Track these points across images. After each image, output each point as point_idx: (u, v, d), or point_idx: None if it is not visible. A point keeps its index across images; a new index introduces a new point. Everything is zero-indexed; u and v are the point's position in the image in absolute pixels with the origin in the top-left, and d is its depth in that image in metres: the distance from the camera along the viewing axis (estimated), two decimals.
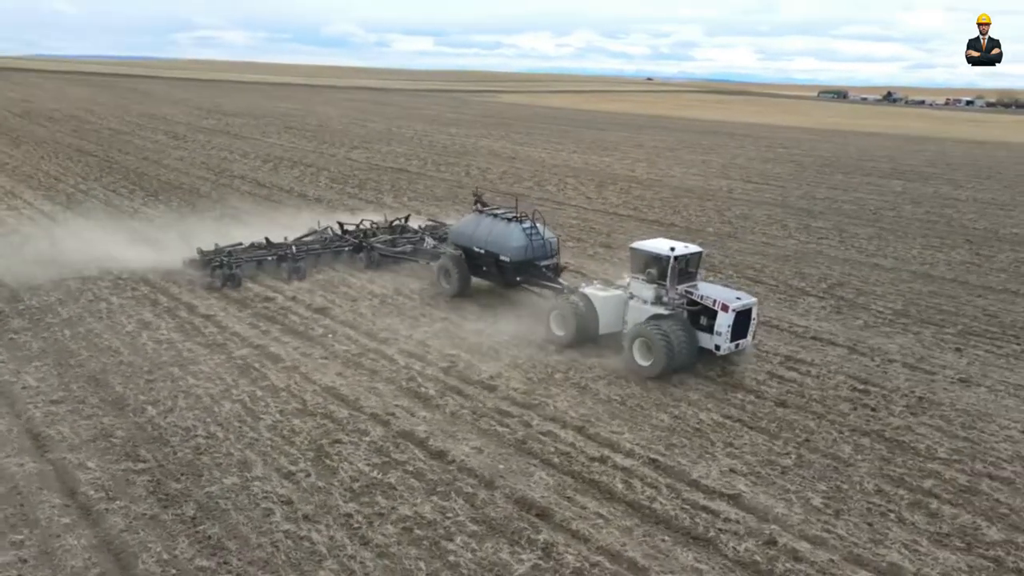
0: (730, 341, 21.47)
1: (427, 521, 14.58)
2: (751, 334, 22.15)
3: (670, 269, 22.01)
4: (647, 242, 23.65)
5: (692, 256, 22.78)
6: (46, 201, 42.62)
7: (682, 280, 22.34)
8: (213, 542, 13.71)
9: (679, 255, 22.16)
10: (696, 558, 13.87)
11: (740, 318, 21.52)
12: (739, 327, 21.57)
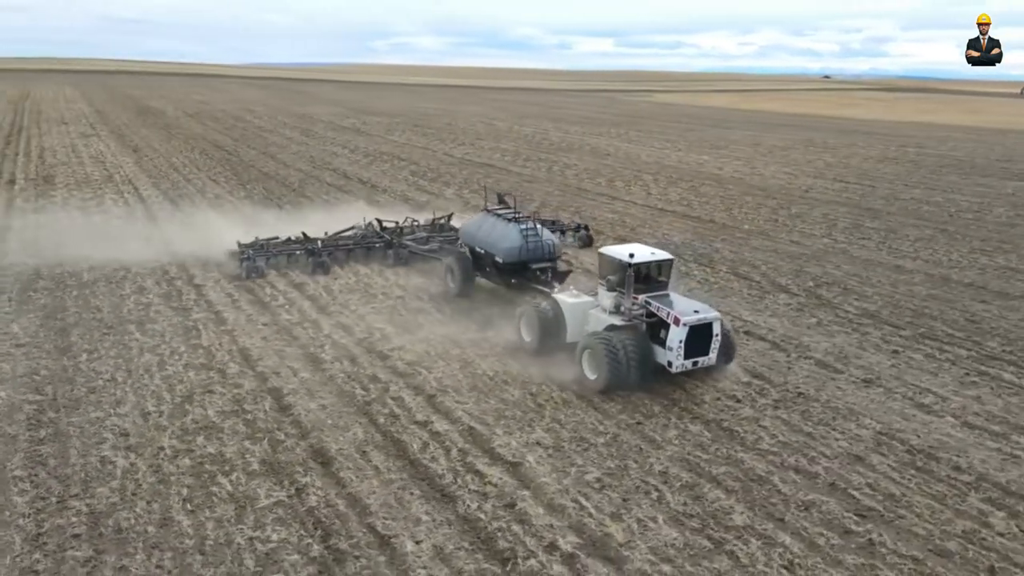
0: (685, 358, 19.62)
1: (223, 459, 16.46)
2: (714, 351, 20.13)
3: (627, 277, 20.33)
4: (615, 247, 22.25)
5: (658, 264, 21.17)
6: (153, 188, 48.33)
7: (649, 289, 20.81)
8: (39, 459, 16.27)
9: (637, 262, 20.44)
10: (427, 511, 14.84)
11: (696, 333, 19.67)
12: (696, 343, 19.73)
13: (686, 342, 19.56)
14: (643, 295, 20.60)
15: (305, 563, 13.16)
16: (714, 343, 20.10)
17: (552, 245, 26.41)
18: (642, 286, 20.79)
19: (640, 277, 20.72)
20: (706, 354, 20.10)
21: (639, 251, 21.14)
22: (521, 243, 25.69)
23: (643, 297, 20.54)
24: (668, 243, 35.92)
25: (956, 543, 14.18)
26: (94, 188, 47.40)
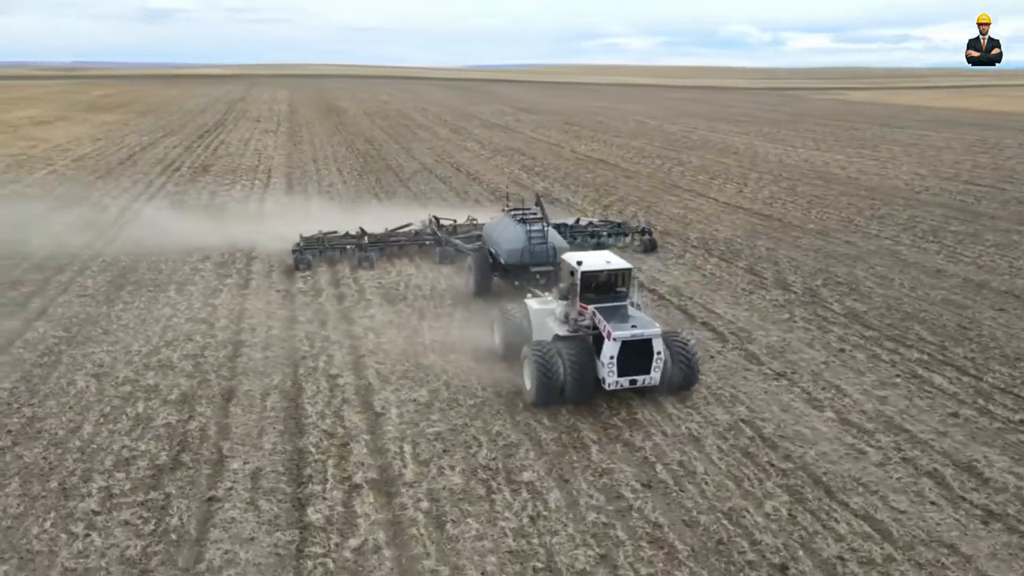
0: (619, 375, 18.31)
1: (154, 389, 19.89)
2: (657, 371, 18.58)
3: (572, 285, 19.45)
4: (576, 254, 21.01)
5: (611, 273, 19.80)
6: (283, 177, 54.44)
7: (602, 300, 19.48)
8: (28, 378, 20.50)
9: (585, 270, 19.39)
10: (274, 442, 17.39)
11: (632, 350, 18.28)
12: (633, 360, 18.33)
13: (619, 358, 18.17)
14: (594, 305, 19.20)
15: (147, 467, 16.19)
16: (656, 362, 18.47)
17: (559, 250, 25.16)
18: (593, 296, 19.45)
19: (591, 286, 19.46)
20: (646, 373, 18.50)
21: (592, 259, 20.14)
22: (524, 245, 25.19)
23: (592, 307, 19.13)
24: (710, 239, 36.07)
25: (711, 517, 14.65)
26: (235, 177, 54.14)
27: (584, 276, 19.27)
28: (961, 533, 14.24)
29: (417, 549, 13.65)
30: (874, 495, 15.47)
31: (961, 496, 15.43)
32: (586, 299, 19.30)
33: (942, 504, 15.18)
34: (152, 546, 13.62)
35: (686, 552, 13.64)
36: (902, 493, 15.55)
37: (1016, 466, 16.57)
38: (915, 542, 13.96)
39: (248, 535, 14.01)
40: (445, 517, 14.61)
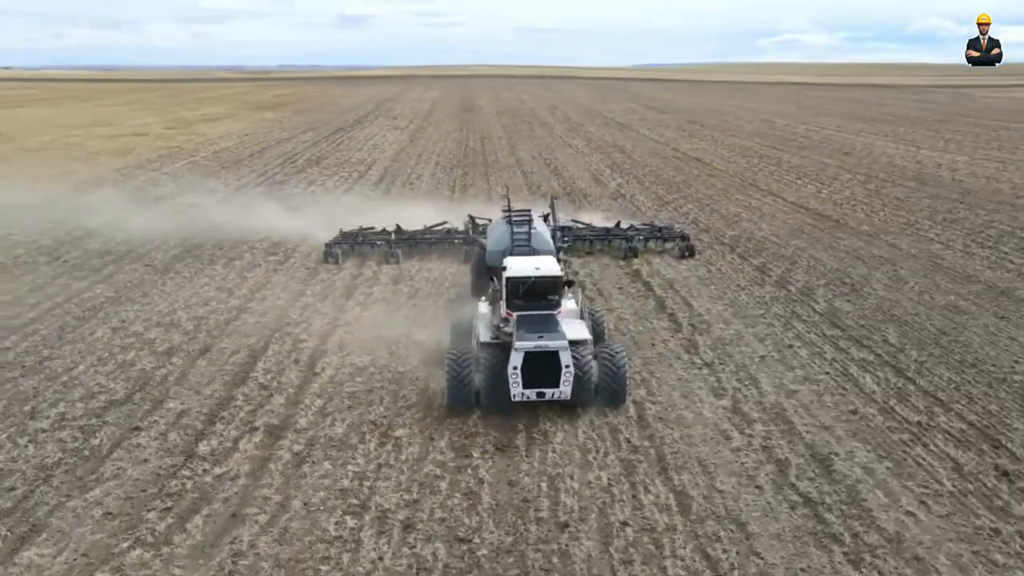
0: (524, 387, 17.56)
1: (130, 333, 23.44)
2: (566, 384, 17.73)
3: (494, 291, 18.98)
4: (516, 259, 20.75)
5: (540, 280, 18.92)
6: (379, 169, 58.41)
7: (532, 307, 18.82)
8: (62, 326, 24.71)
9: (511, 276, 18.94)
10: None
11: (538, 361, 17.48)
12: (539, 372, 17.54)
13: (523, 370, 17.44)
14: (517, 312, 18.68)
15: (103, 401, 19.42)
16: (565, 375, 17.55)
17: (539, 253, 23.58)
18: (522, 302, 18.83)
19: (519, 292, 18.85)
20: (555, 386, 17.61)
21: (522, 264, 19.62)
22: (505, 247, 24.13)
23: (516, 315, 18.65)
24: (744, 238, 35.92)
25: (533, 480, 15.86)
26: (337, 170, 58.75)
27: (510, 281, 18.62)
28: (762, 514, 14.62)
29: (265, 480, 15.84)
30: (705, 475, 16.01)
31: (791, 483, 15.66)
32: (514, 306, 18.74)
33: (765, 488, 15.52)
34: (67, 459, 16.66)
35: (488, 505, 14.95)
36: (734, 476, 15.98)
37: (874, 462, 16.47)
38: (707, 517, 14.52)
39: (144, 458, 16.77)
40: (308, 459, 16.70)
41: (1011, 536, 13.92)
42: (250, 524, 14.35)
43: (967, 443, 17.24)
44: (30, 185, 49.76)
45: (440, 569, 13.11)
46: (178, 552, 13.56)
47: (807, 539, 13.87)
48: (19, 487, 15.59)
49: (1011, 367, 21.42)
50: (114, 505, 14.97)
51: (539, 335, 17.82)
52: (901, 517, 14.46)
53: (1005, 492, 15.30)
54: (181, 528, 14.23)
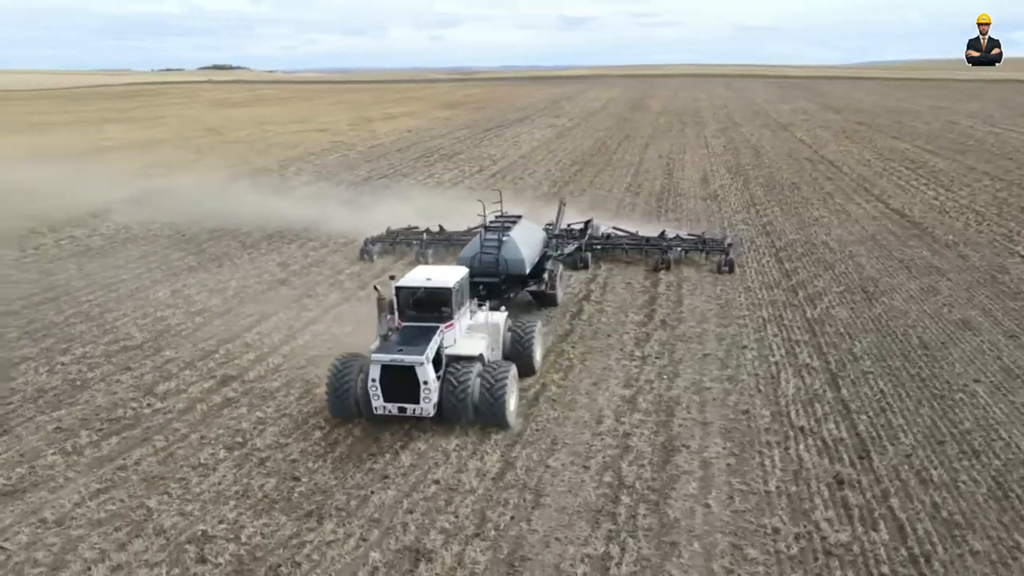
0: (385, 400, 17.16)
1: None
2: (427, 401, 17.09)
3: (379, 301, 18.47)
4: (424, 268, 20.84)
5: (429, 291, 18.28)
6: (495, 167, 61.27)
7: (424, 318, 18.25)
8: (94, 302, 29.81)
9: (399, 285, 18.45)
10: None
11: (397, 375, 16.94)
12: (399, 387, 17.03)
13: (381, 383, 17.05)
14: (407, 323, 18.31)
15: (120, 345, 23.75)
16: (424, 392, 16.95)
17: (510, 263, 24.15)
18: (415, 313, 18.38)
19: (409, 303, 18.41)
20: (416, 402, 17.04)
21: (416, 274, 19.13)
22: (474, 254, 24.14)
23: (403, 325, 18.31)
24: (799, 243, 34.99)
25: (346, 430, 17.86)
26: (461, 165, 62.29)
27: (398, 291, 18.30)
28: (566, 489, 15.61)
29: (187, 417, 19.04)
30: (547, 451, 17.08)
31: (618, 467, 16.41)
32: (406, 316, 18.40)
33: (591, 468, 16.41)
34: (62, 386, 20.84)
35: (335, 457, 17.12)
36: (573, 455, 16.93)
37: (720, 458, 16.73)
38: (513, 486, 15.75)
39: (114, 391, 20.57)
40: (232, 403, 19.72)
41: (788, 536, 13.91)
42: (149, 447, 17.51)
43: (831, 452, 16.88)
44: (203, 172, 57.93)
45: (257, 494, 15.45)
46: (82, 461, 16.97)
47: (585, 514, 14.71)
48: (14, 402, 19.84)
49: (963, 385, 20.06)
50: (67, 423, 18.75)
51: (400, 348, 17.11)
52: (694, 507, 14.87)
53: (822, 498, 15.08)
54: (98, 445, 17.68)
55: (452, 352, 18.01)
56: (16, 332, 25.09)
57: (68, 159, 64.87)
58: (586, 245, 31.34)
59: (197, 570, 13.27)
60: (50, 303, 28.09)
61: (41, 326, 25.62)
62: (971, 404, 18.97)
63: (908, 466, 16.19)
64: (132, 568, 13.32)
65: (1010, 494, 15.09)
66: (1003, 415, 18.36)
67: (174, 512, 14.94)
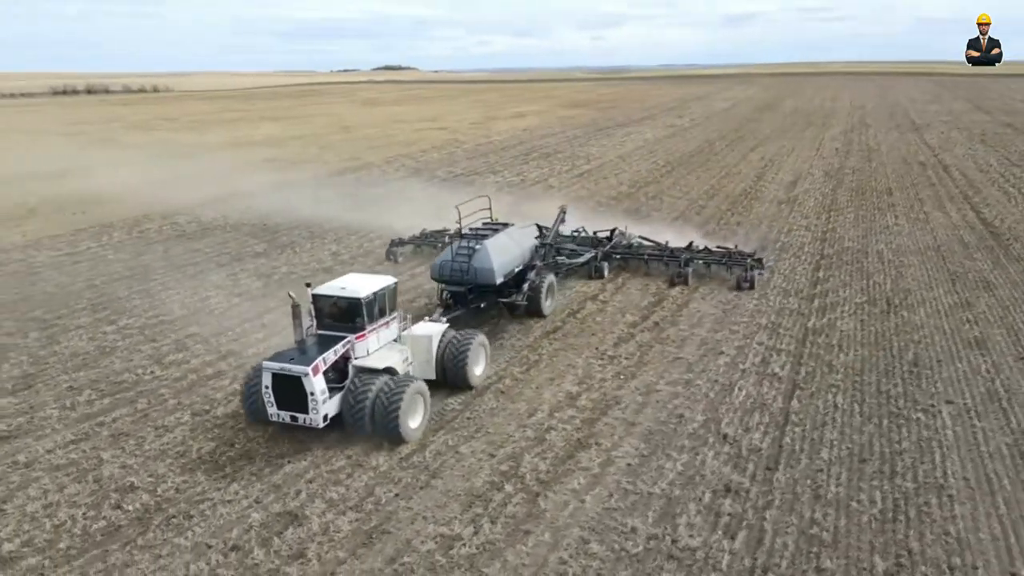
0: (278, 408, 17.04)
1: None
2: (315, 412, 16.78)
3: (294, 309, 18.04)
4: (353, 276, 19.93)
5: (338, 301, 18.03)
6: (581, 166, 61.55)
7: (338, 327, 18.08)
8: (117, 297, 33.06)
9: (315, 293, 18.21)
10: None
11: (287, 384, 16.73)
12: (290, 395, 16.83)
13: (274, 390, 16.98)
14: (320, 331, 18.16)
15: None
16: (312, 402, 16.67)
17: (479, 272, 23.31)
18: (330, 322, 18.15)
19: (324, 311, 18.20)
20: (305, 412, 16.78)
21: (332, 284, 18.72)
22: (444, 261, 23.78)
23: (317, 333, 18.17)
24: (853, 250, 33.58)
25: None
26: (554, 164, 62.98)
27: (315, 299, 18.11)
28: (416, 472, 16.45)
29: (170, 386, 21.35)
30: (446, 433, 17.94)
31: (493, 454, 17.00)
32: (323, 324, 18.15)
33: (465, 452, 17.10)
34: (92, 352, 23.79)
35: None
36: (467, 440, 17.70)
37: (580, 451, 16.93)
38: (384, 459, 16.75)
39: (131, 359, 23.25)
40: (217, 376, 21.87)
41: (641, 537, 14.08)
42: (130, 408, 19.87)
43: (739, 461, 16.66)
44: (316, 166, 62.33)
45: (193, 455, 17.29)
46: (72, 416, 19.55)
47: (463, 498, 15.54)
48: (49, 363, 22.92)
49: (930, 405, 18.98)
50: (79, 383, 21.53)
51: (291, 357, 17.03)
52: (569, 501, 15.32)
53: (697, 504, 15.04)
54: (92, 403, 20.29)
55: (360, 363, 17.71)
56: (85, 304, 28.59)
57: (207, 153, 71.36)
58: (604, 254, 30.38)
59: (109, 514, 15.15)
60: (124, 280, 31.68)
61: (106, 300, 29.04)
62: (924, 425, 17.94)
63: (811, 481, 15.70)
64: (59, 507, 15.40)
65: (900, 518, 14.39)
66: (951, 439, 17.26)
67: (118, 464, 17.01)
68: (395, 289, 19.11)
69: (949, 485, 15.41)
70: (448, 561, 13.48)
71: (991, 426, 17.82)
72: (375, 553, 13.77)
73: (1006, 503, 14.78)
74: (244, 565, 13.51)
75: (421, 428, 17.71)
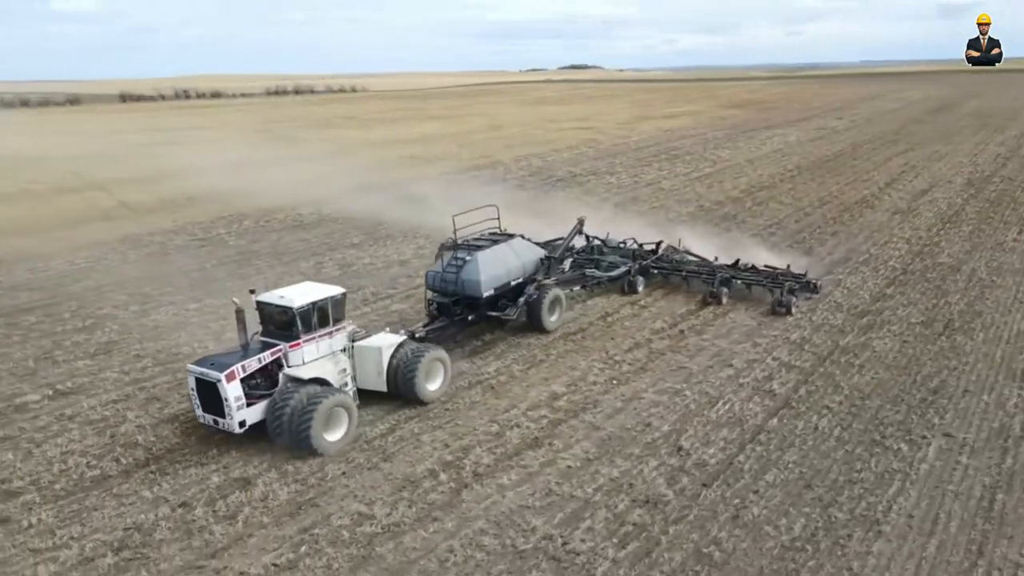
0: (203, 410, 17.41)
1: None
2: (231, 418, 17.01)
3: (238, 314, 18.14)
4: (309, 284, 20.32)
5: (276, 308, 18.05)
6: (671, 167, 59.90)
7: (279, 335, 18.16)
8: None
9: (258, 299, 18.37)
10: None
11: (208, 388, 17.01)
12: (212, 399, 17.08)
13: (198, 393, 17.35)
14: (265, 337, 18.31)
15: None
16: (226, 408, 16.86)
17: (467, 284, 22.85)
18: (274, 329, 18.25)
19: (266, 319, 18.33)
20: (223, 416, 17.01)
21: (281, 291, 18.80)
22: (437, 272, 23.64)
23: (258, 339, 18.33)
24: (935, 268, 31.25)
25: None
26: (664, 165, 61.76)
27: (257, 305, 18.31)
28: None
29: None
30: (411, 420, 18.91)
31: (437, 445, 17.74)
32: (267, 331, 18.32)
33: (421, 441, 17.97)
34: (126, 332, 26.98)
35: None
36: (437, 429, 18.58)
37: (530, 448, 17.22)
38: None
39: (154, 326, 26.15)
40: None
41: (535, 536, 14.42)
42: (166, 375, 22.45)
43: (677, 476, 16.42)
44: (447, 164, 64.99)
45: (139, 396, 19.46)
46: (119, 380, 22.40)
47: (399, 482, 16.48)
48: (131, 331, 26.26)
49: (921, 437, 17.60)
50: (147, 352, 24.44)
51: (212, 363, 17.35)
52: (491, 494, 15.85)
53: (608, 512, 15.09)
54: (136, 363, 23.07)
55: (289, 372, 17.81)
56: (185, 284, 32.07)
57: (362, 150, 76.11)
58: (640, 269, 28.81)
59: (106, 465, 17.40)
60: (230, 264, 35.20)
61: (203, 281, 32.42)
62: (900, 456, 16.74)
63: (739, 501, 15.23)
64: (73, 455, 17.88)
65: (808, 548, 13.74)
66: (922, 473, 16.03)
67: (135, 424, 19.38)
68: (341, 300, 18.87)
69: (886, 520, 14.39)
70: (350, 536, 14.47)
71: (979, 464, 16.27)
72: (295, 522, 15.02)
73: (939, 546, 13.64)
74: (183, 520, 15.21)
75: (345, 439, 17.60)
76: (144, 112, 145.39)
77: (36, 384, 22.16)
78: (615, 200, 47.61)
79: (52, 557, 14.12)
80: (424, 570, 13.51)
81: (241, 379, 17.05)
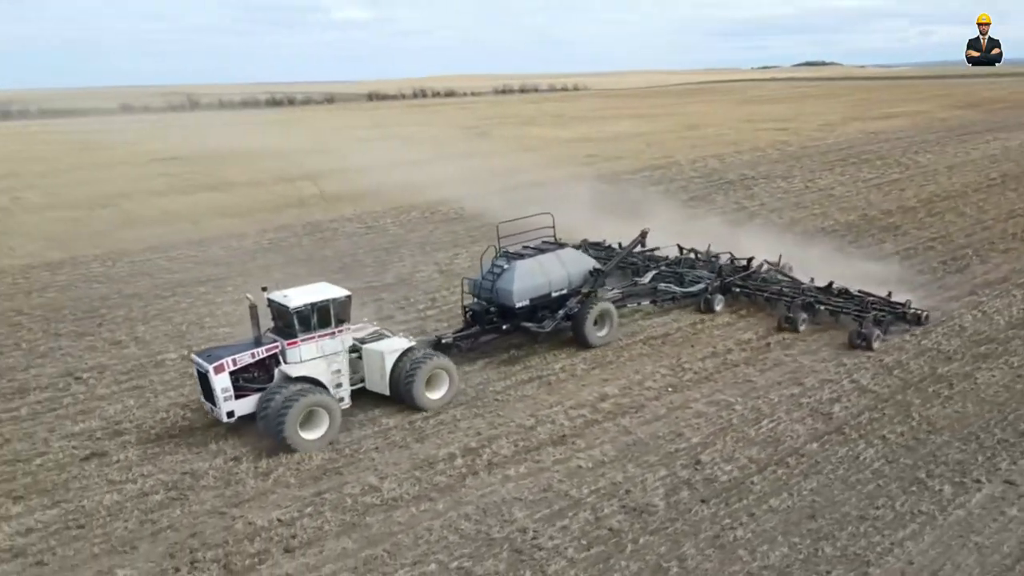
0: (203, 396, 18.75)
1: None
2: (221, 404, 17.85)
3: (251, 311, 18.74)
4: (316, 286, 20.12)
5: (278, 307, 18.61)
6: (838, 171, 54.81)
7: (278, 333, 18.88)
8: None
9: (268, 298, 18.86)
10: None
11: (203, 378, 18.25)
12: (206, 389, 18.36)
13: (199, 381, 18.77)
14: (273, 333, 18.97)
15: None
16: (216, 398, 17.86)
17: (500, 293, 22.63)
18: (278, 326, 18.94)
19: (275, 316, 18.97)
20: (214, 403, 18.16)
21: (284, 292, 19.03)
22: (478, 280, 23.53)
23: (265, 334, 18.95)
24: None
25: None
26: (846, 171, 57.11)
27: (268, 302, 19.01)
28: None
29: None
30: (401, 422, 19.57)
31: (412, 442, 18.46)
32: (276, 327, 19.07)
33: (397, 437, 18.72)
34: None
35: None
36: (409, 430, 19.35)
37: (502, 445, 17.47)
38: None
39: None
40: None
41: (475, 543, 14.92)
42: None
43: (639, 507, 16.07)
44: (621, 163, 64.93)
45: None
46: (161, 365, 25.40)
47: (368, 474, 17.55)
48: (222, 314, 29.53)
49: (916, 479, 15.76)
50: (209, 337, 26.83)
51: (209, 354, 18.36)
52: (456, 486, 16.45)
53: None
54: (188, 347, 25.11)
55: (283, 369, 18.38)
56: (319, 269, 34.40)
57: (547, 147, 77.49)
58: (720, 286, 26.79)
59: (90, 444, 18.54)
60: (375, 252, 38.04)
61: (347, 265, 35.37)
62: (934, 499, 15.15)
63: (729, 520, 14.67)
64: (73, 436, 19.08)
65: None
66: (950, 520, 14.49)
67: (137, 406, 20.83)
68: (345, 302, 19.11)
69: (878, 563, 13.23)
70: (351, 504, 15.72)
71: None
72: (315, 486, 16.52)
73: None
74: (230, 472, 17.19)
75: (325, 439, 17.95)
76: (382, 110, 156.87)
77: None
78: (775, 206, 45.27)
79: (119, 488, 16.69)
80: (398, 543, 14.40)
81: (232, 372, 17.94)
